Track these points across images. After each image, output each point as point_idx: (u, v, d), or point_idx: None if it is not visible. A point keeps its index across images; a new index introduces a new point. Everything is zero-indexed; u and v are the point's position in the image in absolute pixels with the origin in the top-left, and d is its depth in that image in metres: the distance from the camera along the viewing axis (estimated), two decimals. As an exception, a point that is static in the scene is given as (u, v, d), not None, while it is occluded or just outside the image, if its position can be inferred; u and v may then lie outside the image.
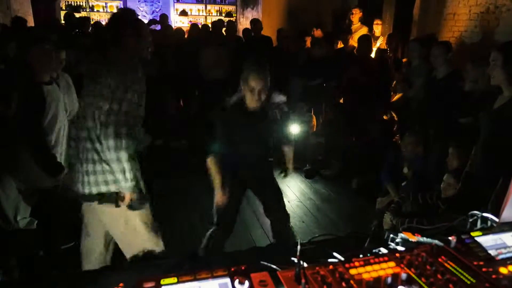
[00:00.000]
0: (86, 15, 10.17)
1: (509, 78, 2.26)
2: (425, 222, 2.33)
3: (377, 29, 6.41)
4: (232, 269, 1.12)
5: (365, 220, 3.96)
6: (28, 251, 3.02)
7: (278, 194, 3.04)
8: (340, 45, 6.22)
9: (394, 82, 5.40)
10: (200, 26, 7.36)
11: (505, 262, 1.20)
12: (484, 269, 1.15)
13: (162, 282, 1.06)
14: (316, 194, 4.62)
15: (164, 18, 7.71)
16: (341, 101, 5.79)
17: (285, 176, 3.20)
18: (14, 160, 2.75)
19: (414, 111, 4.45)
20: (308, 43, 6.25)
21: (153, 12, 11.84)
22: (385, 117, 5.39)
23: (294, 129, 5.50)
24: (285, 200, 4.43)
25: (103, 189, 2.14)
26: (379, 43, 6.24)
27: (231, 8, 11.81)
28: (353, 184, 4.67)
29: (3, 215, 3.47)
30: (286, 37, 6.37)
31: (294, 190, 4.72)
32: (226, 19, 10.76)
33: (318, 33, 6.65)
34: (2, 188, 3.42)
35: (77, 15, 9.24)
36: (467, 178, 2.94)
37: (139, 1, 11.78)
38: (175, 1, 11.59)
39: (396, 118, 5.28)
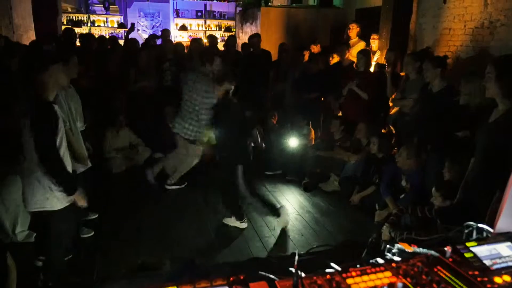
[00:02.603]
0: (87, 30, 10.32)
1: (502, 91, 2.30)
2: (423, 234, 2.34)
3: (374, 43, 6.50)
4: (231, 278, 1.13)
5: (364, 233, 3.97)
6: (26, 264, 3.01)
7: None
8: (336, 58, 6.29)
9: (393, 95, 5.46)
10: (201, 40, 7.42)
11: (499, 272, 1.22)
12: (479, 279, 1.17)
13: (162, 291, 1.07)
14: (315, 207, 4.63)
15: (165, 33, 7.80)
16: (340, 114, 5.84)
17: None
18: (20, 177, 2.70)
19: (411, 125, 4.49)
20: (306, 57, 6.33)
21: (153, 26, 12.00)
22: (383, 131, 5.43)
23: (293, 142, 5.55)
24: (284, 212, 4.46)
25: None
26: (376, 57, 6.33)
27: (230, 23, 11.98)
28: (352, 201, 4.68)
29: (1, 228, 3.48)
30: (285, 50, 6.46)
31: (293, 203, 4.73)
32: (226, 34, 10.92)
33: (316, 49, 6.74)
34: (1, 200, 3.44)
35: (77, 29, 9.36)
36: (465, 190, 2.96)
37: (139, 16, 11.95)
38: (175, 16, 11.77)
39: (394, 132, 5.32)
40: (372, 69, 5.77)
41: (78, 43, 6.67)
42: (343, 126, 5.42)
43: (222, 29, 11.88)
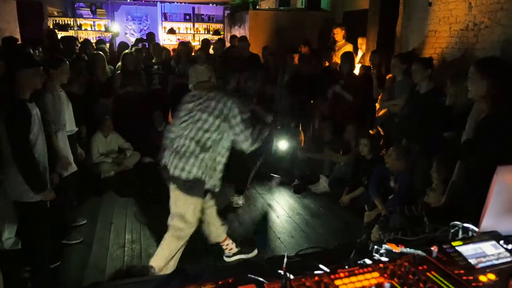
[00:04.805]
0: (74, 34, 10.23)
1: (484, 92, 2.33)
2: (410, 234, 2.37)
3: (362, 47, 6.59)
4: (220, 282, 1.14)
5: (354, 234, 3.99)
6: (13, 272, 2.97)
7: None
8: (326, 63, 6.34)
9: (380, 97, 5.51)
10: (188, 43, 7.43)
11: (484, 270, 1.24)
12: (464, 278, 1.19)
13: (151, 296, 1.07)
14: (305, 209, 4.64)
15: (151, 36, 7.78)
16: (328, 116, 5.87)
17: None
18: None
19: (399, 126, 4.53)
20: (296, 60, 6.35)
21: (141, 30, 11.95)
22: (371, 132, 5.48)
23: (282, 144, 5.56)
24: (274, 215, 4.47)
25: None
26: (360, 54, 6.43)
27: (218, 26, 11.99)
28: (342, 202, 4.71)
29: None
30: (271, 54, 6.49)
31: (283, 205, 4.74)
32: (214, 37, 10.93)
33: (305, 50, 6.78)
34: (-13, 208, 3.38)
35: (63, 33, 9.29)
36: (453, 190, 3.00)
37: (127, 20, 11.89)
38: (163, 19, 11.73)
39: (382, 133, 5.37)
40: (357, 71, 5.82)
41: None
42: (332, 128, 5.45)
43: (211, 32, 11.88)
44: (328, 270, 1.23)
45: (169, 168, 2.78)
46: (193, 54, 7.08)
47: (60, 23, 10.59)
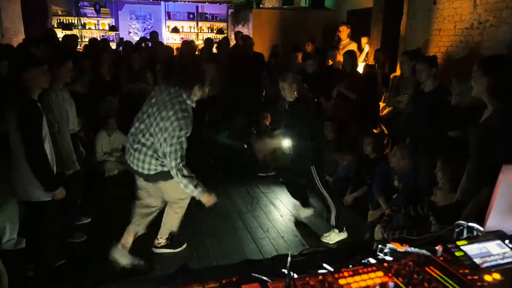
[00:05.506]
0: (78, 33, 10.26)
1: (487, 90, 2.31)
2: (415, 233, 2.35)
3: (365, 46, 6.57)
4: (224, 281, 1.13)
5: (357, 233, 3.98)
6: (18, 271, 2.98)
7: None
8: (330, 62, 6.34)
9: (384, 96, 5.50)
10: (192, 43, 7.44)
11: (489, 270, 1.23)
12: (469, 277, 1.18)
13: (154, 295, 1.07)
14: (308, 208, 4.63)
15: (154, 35, 7.79)
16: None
17: None
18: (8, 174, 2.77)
19: (403, 125, 4.52)
20: (300, 59, 6.35)
21: (144, 29, 11.97)
22: (375, 131, 5.46)
23: (286, 143, 5.55)
24: (278, 214, 4.47)
25: None
26: (366, 49, 6.41)
27: (222, 25, 11.99)
28: (345, 201, 4.70)
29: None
30: (272, 55, 6.50)
31: (286, 204, 4.73)
32: (218, 36, 10.93)
33: (310, 47, 6.77)
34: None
35: (66, 32, 9.31)
36: (461, 190, 2.98)
37: (130, 19, 11.92)
38: (166, 18, 11.76)
39: (386, 132, 5.35)
40: (362, 70, 5.80)
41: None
42: (335, 126, 5.44)
43: (214, 31, 11.90)
44: (332, 269, 1.23)
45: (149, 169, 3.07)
46: (196, 53, 7.09)
47: (64, 22, 10.64)
